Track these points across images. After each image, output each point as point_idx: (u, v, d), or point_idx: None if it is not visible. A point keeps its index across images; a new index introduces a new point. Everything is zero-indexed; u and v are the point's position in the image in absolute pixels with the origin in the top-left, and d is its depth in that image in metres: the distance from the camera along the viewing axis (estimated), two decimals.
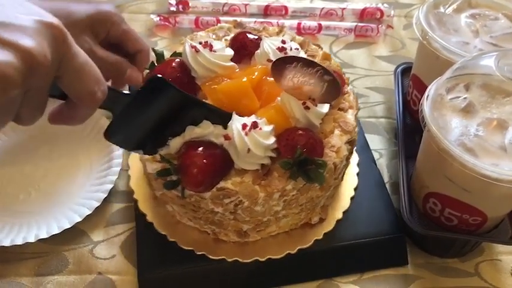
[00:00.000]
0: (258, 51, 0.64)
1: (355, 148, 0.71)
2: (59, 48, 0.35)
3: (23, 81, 0.33)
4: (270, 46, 0.63)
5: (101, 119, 0.78)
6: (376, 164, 0.75)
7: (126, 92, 0.49)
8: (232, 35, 0.69)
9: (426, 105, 0.58)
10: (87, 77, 0.39)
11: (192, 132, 0.56)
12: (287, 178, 0.55)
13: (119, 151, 0.74)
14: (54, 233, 0.65)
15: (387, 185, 0.74)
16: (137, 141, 0.53)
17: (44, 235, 0.65)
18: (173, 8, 1.03)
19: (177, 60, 0.62)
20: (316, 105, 0.57)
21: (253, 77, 0.60)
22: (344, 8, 1.06)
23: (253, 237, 0.63)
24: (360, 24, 1.02)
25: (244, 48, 0.65)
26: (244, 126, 0.53)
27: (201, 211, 0.59)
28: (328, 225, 0.66)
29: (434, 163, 0.59)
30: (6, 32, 0.32)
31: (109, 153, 0.74)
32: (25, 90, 0.34)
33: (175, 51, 0.65)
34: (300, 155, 0.54)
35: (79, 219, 0.67)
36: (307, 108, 0.57)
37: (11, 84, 0.32)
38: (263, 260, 0.63)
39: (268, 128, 0.55)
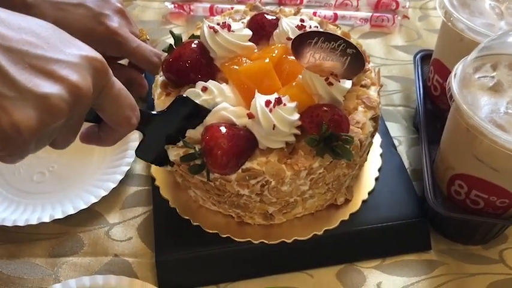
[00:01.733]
0: (277, 30, 0.63)
1: (378, 130, 0.70)
2: (101, 80, 0.39)
3: (69, 111, 0.36)
4: (288, 25, 0.62)
5: None
6: (396, 149, 0.73)
7: (154, 112, 0.54)
8: (248, 18, 0.68)
9: (454, 83, 0.56)
10: (124, 103, 0.43)
11: (213, 115, 0.55)
12: (313, 156, 0.54)
13: (135, 134, 0.73)
14: (69, 213, 0.64)
15: (408, 171, 0.72)
16: (164, 155, 0.57)
17: (59, 215, 0.64)
18: None
19: (196, 41, 0.61)
20: (339, 81, 0.56)
21: (273, 55, 0.58)
22: None
23: (278, 220, 0.62)
24: (375, 14, 1.01)
25: (262, 28, 0.64)
26: (267, 102, 0.52)
27: (226, 195, 0.58)
28: (354, 206, 0.65)
29: (461, 142, 0.58)
30: (57, 66, 0.35)
31: (125, 137, 0.73)
32: (69, 117, 0.37)
33: (192, 34, 0.64)
34: (326, 131, 0.53)
35: (95, 200, 0.66)
36: (330, 84, 0.56)
37: (59, 114, 0.35)
38: (289, 241, 0.62)
39: (292, 104, 0.54)
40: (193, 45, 0.60)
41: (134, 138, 0.73)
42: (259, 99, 0.53)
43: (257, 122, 0.52)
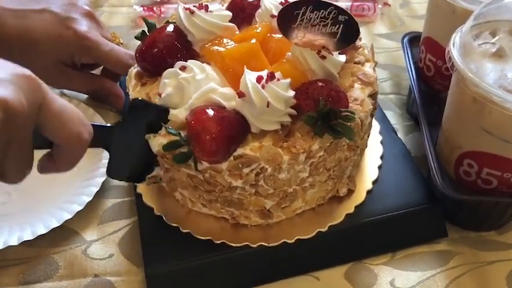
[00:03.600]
0: (259, 10, 0.58)
1: (374, 117, 0.65)
2: (35, 96, 0.36)
3: (3, 126, 0.33)
4: (271, 2, 0.57)
5: (87, 110, 0.71)
6: (396, 134, 0.68)
7: (108, 124, 0.50)
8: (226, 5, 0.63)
9: (454, 51, 0.52)
10: (69, 119, 0.39)
11: (199, 97, 0.49)
12: (312, 137, 0.49)
13: None
14: (40, 233, 0.57)
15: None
16: (139, 170, 0.53)
17: (28, 236, 0.57)
18: None
19: (171, 25, 0.56)
20: (331, 54, 0.51)
21: (257, 31, 0.53)
22: None
23: (277, 217, 0.56)
24: (355, 3, 0.98)
25: (242, 11, 0.60)
26: (259, 78, 0.47)
27: (218, 189, 0.52)
28: (358, 198, 0.59)
29: (468, 116, 0.53)
30: None
31: (81, 156, 0.66)
32: (5, 139, 0.35)
33: (167, 20, 0.59)
34: (324, 107, 0.47)
35: (69, 217, 0.59)
36: (323, 57, 0.51)
37: None
38: (291, 241, 0.55)
39: (285, 80, 0.48)
40: (168, 30, 0.55)
41: None
42: (250, 76, 0.47)
43: (249, 100, 0.47)
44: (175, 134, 0.48)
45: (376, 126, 0.67)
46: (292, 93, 0.48)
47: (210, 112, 0.47)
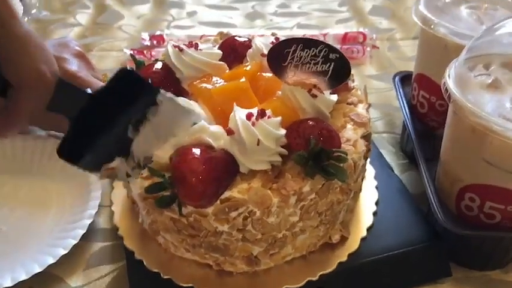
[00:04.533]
0: (250, 50, 0.57)
1: (369, 160, 0.63)
2: None
3: None
4: (262, 42, 0.56)
5: None
6: (393, 170, 0.66)
7: (84, 89, 0.41)
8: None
9: (450, 83, 0.51)
10: (33, 50, 0.32)
11: (184, 136, 0.47)
12: (303, 178, 0.46)
13: (97, 184, 0.63)
14: (20, 280, 0.53)
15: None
16: (97, 156, 0.44)
17: (7, 283, 0.53)
18: (147, 43, 0.98)
19: (159, 63, 0.54)
20: (322, 93, 0.50)
21: (246, 69, 0.52)
22: (325, 34, 1.03)
23: (265, 264, 0.52)
24: (344, 46, 0.98)
25: (234, 50, 0.59)
26: (249, 115, 0.45)
27: (202, 234, 0.48)
28: (352, 245, 0.56)
29: (468, 147, 0.51)
30: None
31: (86, 187, 0.63)
32: None
33: (156, 59, 0.57)
34: (315, 146, 0.45)
35: (52, 261, 0.54)
36: (314, 96, 0.49)
37: None
38: None
39: (276, 118, 0.46)
40: (156, 67, 0.54)
41: (96, 188, 0.63)
42: (239, 113, 0.45)
43: (238, 138, 0.44)
44: (159, 175, 0.45)
45: (371, 170, 0.65)
46: (283, 131, 0.46)
47: (197, 152, 0.45)
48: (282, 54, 0.49)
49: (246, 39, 0.60)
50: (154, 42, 0.97)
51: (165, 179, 0.45)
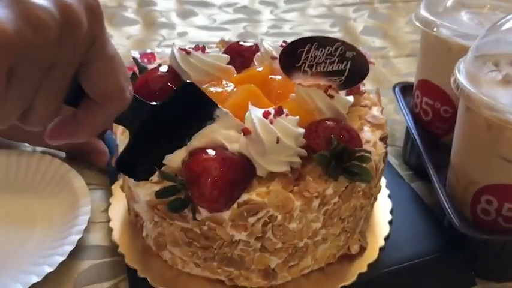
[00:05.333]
0: (258, 53, 0.55)
1: None
2: (94, 23, 0.30)
3: (59, 36, 0.28)
4: (271, 45, 0.54)
5: (61, 166, 0.64)
6: (404, 180, 0.64)
7: (151, 102, 0.41)
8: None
9: (461, 79, 0.50)
10: (118, 68, 0.33)
11: (199, 138, 0.44)
12: (325, 180, 0.43)
13: (86, 199, 0.59)
14: None
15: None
16: (151, 165, 0.44)
17: None
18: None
19: (165, 66, 0.51)
20: (338, 93, 0.48)
21: (259, 70, 0.50)
22: None
23: (282, 278, 0.49)
24: None
25: (240, 55, 0.56)
26: (266, 114, 0.42)
27: (216, 245, 0.45)
28: (371, 255, 0.53)
29: (483, 145, 0.49)
30: None
31: (74, 202, 0.59)
32: (54, 58, 0.29)
33: (159, 64, 0.55)
34: (337, 145, 0.43)
35: (36, 280, 0.49)
36: (330, 96, 0.47)
37: (44, 33, 0.27)
38: None
39: (294, 116, 0.44)
40: (161, 70, 0.51)
41: (85, 203, 0.59)
42: (256, 112, 0.43)
43: (255, 137, 0.42)
44: (171, 178, 0.42)
45: (382, 179, 0.62)
46: (302, 130, 0.43)
47: (211, 153, 0.42)
48: (294, 55, 0.47)
49: (252, 44, 0.58)
50: (145, 60, 0.95)
51: (178, 181, 0.41)
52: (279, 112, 0.42)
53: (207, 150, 0.42)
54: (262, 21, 1.19)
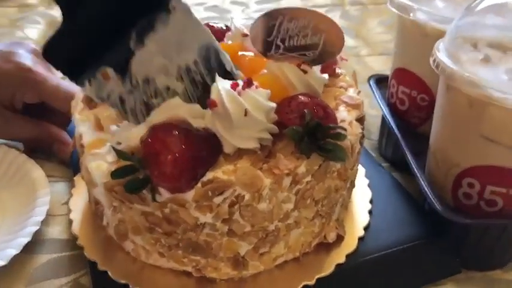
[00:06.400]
0: (229, 32, 0.52)
1: None
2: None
3: None
4: (243, 24, 0.51)
5: (19, 156, 0.60)
6: (383, 167, 0.61)
7: None
8: None
9: (441, 57, 0.47)
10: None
11: (159, 113, 0.40)
12: (297, 158, 0.40)
13: (45, 190, 0.55)
14: None
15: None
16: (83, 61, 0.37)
17: None
18: None
19: None
20: (311, 68, 0.45)
21: (229, 43, 0.47)
22: None
23: (253, 268, 0.45)
24: None
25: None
26: (234, 85, 0.39)
27: (180, 230, 0.41)
28: (350, 245, 0.49)
29: (465, 125, 0.47)
30: None
31: (32, 194, 0.55)
32: None
33: None
34: (311, 120, 0.40)
35: None
36: (304, 71, 0.44)
37: None
38: None
39: (265, 90, 0.41)
40: None
41: (44, 194, 0.55)
42: (223, 83, 0.39)
43: (222, 110, 0.38)
44: (127, 156, 0.38)
45: (361, 169, 0.59)
46: (273, 104, 0.40)
47: (172, 128, 0.39)
48: (266, 29, 0.44)
49: (224, 27, 0.55)
50: None
51: (135, 159, 0.38)
52: (248, 84, 0.39)
53: (168, 125, 0.39)
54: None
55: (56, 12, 1.11)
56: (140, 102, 0.40)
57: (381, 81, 0.73)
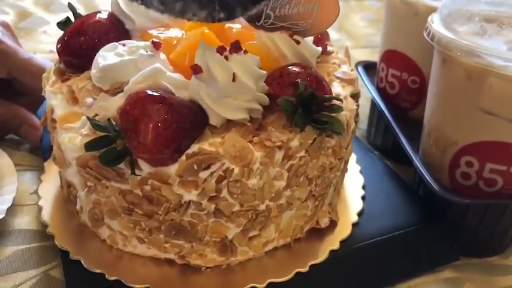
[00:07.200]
0: None
1: None
2: None
3: None
4: None
5: None
6: (374, 154, 0.59)
7: None
8: None
9: (435, 27, 0.45)
10: None
11: (139, 80, 0.37)
12: (290, 131, 0.37)
13: (11, 177, 0.51)
14: None
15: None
16: None
17: None
18: None
19: (104, 12, 0.44)
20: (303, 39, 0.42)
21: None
22: None
23: (242, 254, 0.41)
24: None
25: None
26: (221, 49, 0.36)
27: (162, 210, 0.37)
28: (344, 231, 0.46)
29: (463, 99, 0.45)
30: None
31: None
32: None
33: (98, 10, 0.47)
34: (305, 91, 0.37)
35: None
36: (296, 42, 0.41)
37: None
38: (262, 286, 0.40)
39: (255, 56, 0.37)
40: (99, 16, 0.44)
41: (10, 182, 0.50)
42: (207, 47, 0.36)
43: (208, 76, 0.35)
44: (102, 126, 0.34)
45: (352, 156, 0.57)
46: (263, 72, 0.37)
47: (153, 93, 0.35)
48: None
49: None
50: None
51: (112, 128, 0.34)
52: (236, 48, 0.36)
53: (148, 91, 0.35)
54: None
55: (26, 4, 1.06)
56: None
57: (368, 68, 0.70)
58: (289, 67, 0.39)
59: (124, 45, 0.38)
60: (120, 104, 0.36)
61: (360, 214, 0.49)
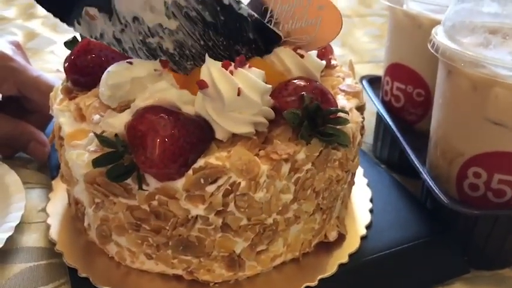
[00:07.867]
0: None
1: None
2: None
3: None
4: None
5: None
6: (381, 166, 0.58)
7: None
8: None
9: (440, 39, 0.45)
10: None
11: (145, 98, 0.37)
12: (296, 144, 0.37)
13: (20, 194, 0.51)
14: None
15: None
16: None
17: None
18: None
19: None
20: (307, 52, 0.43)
21: None
22: None
23: (250, 268, 0.41)
24: None
25: None
26: (226, 64, 0.36)
27: (170, 225, 0.37)
28: (352, 245, 0.46)
29: (468, 110, 0.45)
30: None
31: (5, 199, 0.51)
32: None
33: None
34: (310, 103, 0.37)
35: None
36: (301, 56, 0.42)
37: None
38: None
39: (259, 70, 0.38)
40: None
41: (18, 199, 0.50)
42: (213, 63, 0.36)
43: (213, 91, 0.35)
44: (110, 142, 0.35)
45: (359, 169, 0.56)
46: (268, 86, 0.37)
47: (160, 109, 0.35)
48: (258, 13, 0.42)
49: None
50: None
51: (119, 143, 0.34)
52: (240, 62, 0.36)
53: (154, 107, 0.35)
54: None
55: (33, 25, 1.08)
56: (137, 42, 0.38)
57: (373, 82, 0.71)
58: (294, 81, 0.39)
59: (131, 63, 0.39)
60: (127, 120, 0.36)
61: (368, 227, 0.48)
